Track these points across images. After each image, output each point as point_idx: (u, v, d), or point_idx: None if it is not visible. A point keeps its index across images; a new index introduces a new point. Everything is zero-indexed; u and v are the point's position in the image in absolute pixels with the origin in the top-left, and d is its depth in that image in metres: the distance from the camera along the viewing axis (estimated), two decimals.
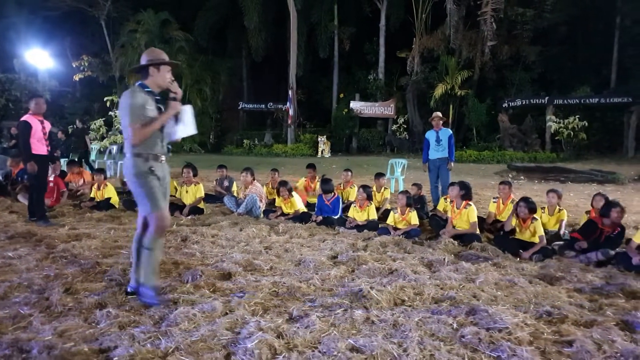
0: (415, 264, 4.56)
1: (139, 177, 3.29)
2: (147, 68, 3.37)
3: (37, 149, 6.17)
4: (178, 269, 4.33)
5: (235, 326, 3.01)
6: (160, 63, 3.38)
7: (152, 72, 3.37)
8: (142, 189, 3.31)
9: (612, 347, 2.70)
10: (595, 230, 5.17)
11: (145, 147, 3.31)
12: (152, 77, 3.38)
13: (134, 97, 3.23)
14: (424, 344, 2.73)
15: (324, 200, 6.99)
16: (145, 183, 3.30)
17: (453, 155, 8.18)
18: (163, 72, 3.40)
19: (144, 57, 3.41)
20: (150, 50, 3.47)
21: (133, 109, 3.21)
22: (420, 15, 22.90)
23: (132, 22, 23.09)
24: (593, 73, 22.17)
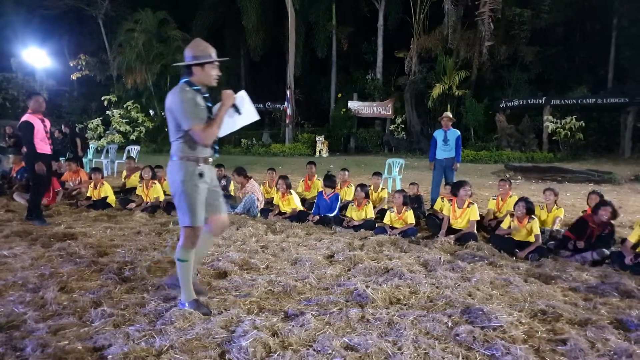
0: (411, 263, 4.57)
1: (186, 184, 3.07)
2: (190, 66, 3.13)
3: (42, 148, 6.12)
4: (174, 267, 4.30)
5: (230, 325, 3.01)
6: (205, 62, 3.12)
7: (196, 70, 3.12)
8: (186, 199, 3.07)
9: (606, 346, 2.71)
10: (586, 229, 5.19)
11: (195, 150, 3.10)
12: (196, 75, 3.13)
13: (185, 96, 3.01)
14: (418, 343, 2.74)
15: (323, 195, 7.00)
16: (192, 192, 3.08)
17: (460, 156, 8.26)
18: (208, 70, 3.14)
19: (188, 53, 3.14)
20: (195, 44, 3.17)
21: (190, 109, 2.99)
22: (418, 15, 22.92)
23: (130, 22, 23.04)
24: (590, 73, 22.21)
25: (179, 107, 2.99)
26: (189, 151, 3.08)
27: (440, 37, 22.08)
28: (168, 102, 3.06)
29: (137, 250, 4.81)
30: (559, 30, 21.83)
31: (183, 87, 3.07)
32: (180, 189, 3.08)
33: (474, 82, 22.30)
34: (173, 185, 3.13)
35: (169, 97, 3.06)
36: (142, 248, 4.94)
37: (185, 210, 3.09)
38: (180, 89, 3.05)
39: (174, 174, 3.10)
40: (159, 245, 5.17)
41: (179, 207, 3.13)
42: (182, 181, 3.06)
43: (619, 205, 9.00)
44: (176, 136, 3.09)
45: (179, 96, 3.00)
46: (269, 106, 25.35)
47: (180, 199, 3.09)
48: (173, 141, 3.12)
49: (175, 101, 3.00)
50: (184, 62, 3.14)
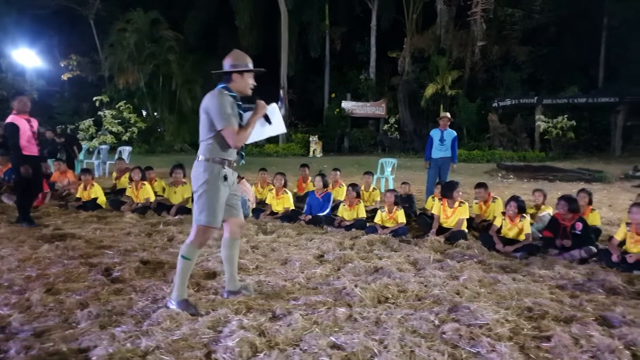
0: (401, 262, 4.58)
1: (210, 184, 3.15)
2: (230, 73, 3.25)
3: (28, 150, 5.99)
4: (163, 268, 4.32)
5: (217, 325, 3.00)
6: (245, 70, 3.26)
7: (235, 77, 3.25)
8: (207, 198, 3.15)
9: (589, 342, 2.73)
10: (558, 226, 5.23)
11: (223, 152, 3.19)
12: (234, 82, 3.26)
13: (223, 99, 3.12)
14: (404, 341, 2.74)
15: (315, 194, 7.00)
16: (214, 193, 3.16)
17: (456, 157, 8.35)
18: (246, 78, 3.29)
19: (228, 61, 3.27)
20: (235, 55, 3.31)
21: (226, 111, 3.10)
22: (411, 15, 23.00)
23: (122, 21, 22.93)
24: (581, 73, 22.38)
25: (216, 107, 3.10)
26: (216, 152, 3.18)
27: (433, 37, 22.19)
28: (204, 103, 3.17)
29: (126, 251, 4.79)
30: (550, 30, 21.99)
31: (221, 91, 3.19)
32: (203, 188, 3.15)
33: (467, 81, 22.42)
34: (196, 183, 3.20)
35: (206, 98, 3.18)
36: (132, 249, 4.92)
37: (205, 209, 3.16)
38: (218, 92, 3.17)
39: (199, 173, 3.18)
40: (149, 246, 5.14)
41: (197, 206, 3.20)
42: (206, 181, 3.14)
43: (609, 204, 9.09)
44: (207, 136, 3.18)
45: (217, 98, 3.12)
46: None
47: (202, 198, 3.17)
48: (202, 141, 3.22)
49: (213, 102, 3.12)
50: (224, 69, 3.27)
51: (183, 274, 3.26)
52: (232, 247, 3.54)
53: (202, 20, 24.91)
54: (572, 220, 5.16)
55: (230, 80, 3.25)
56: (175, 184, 7.48)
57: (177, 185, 7.45)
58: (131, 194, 7.49)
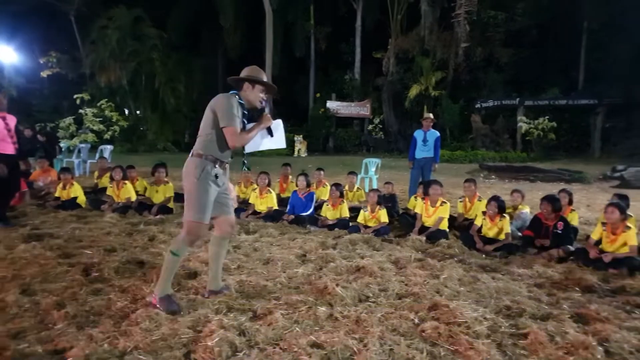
0: (382, 261, 4.60)
1: (200, 181, 3.18)
2: (243, 81, 3.36)
3: (2, 149, 5.83)
4: (143, 268, 4.27)
5: (197, 324, 2.98)
6: (257, 81, 3.36)
7: (246, 87, 3.35)
8: (198, 194, 3.18)
9: (564, 339, 2.78)
10: (541, 225, 5.32)
11: (219, 151, 3.25)
12: (245, 91, 3.35)
13: (232, 101, 3.22)
14: (384, 339, 2.76)
15: (298, 194, 7.00)
16: (205, 190, 3.19)
17: (438, 157, 8.46)
18: (257, 91, 3.37)
19: (244, 72, 3.41)
20: (251, 68, 3.43)
21: (233, 112, 3.18)
22: (395, 16, 23.14)
23: (103, 18, 22.61)
24: (562, 75, 22.78)
25: (223, 106, 3.19)
26: (212, 150, 3.23)
27: (417, 39, 22.36)
28: (213, 102, 3.25)
29: (106, 251, 4.73)
30: (532, 33, 22.34)
31: (232, 96, 3.29)
32: (193, 184, 3.18)
33: (450, 83, 22.64)
34: (187, 179, 3.23)
35: (216, 98, 3.27)
36: (111, 249, 4.85)
37: (194, 205, 3.19)
38: (230, 95, 3.28)
39: (191, 169, 3.21)
40: (129, 245, 5.08)
41: (187, 202, 3.22)
42: (196, 177, 3.17)
43: (587, 204, 9.26)
44: (204, 133, 3.24)
45: (227, 98, 3.23)
46: None
47: (192, 194, 3.20)
48: (199, 138, 3.27)
49: (222, 101, 3.21)
50: (239, 76, 3.38)
51: (170, 269, 3.27)
52: (221, 245, 3.56)
53: (185, 18, 24.72)
54: (555, 220, 5.25)
55: (242, 89, 3.35)
56: (158, 182, 7.40)
57: (159, 185, 7.38)
58: (112, 193, 7.39)
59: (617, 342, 2.77)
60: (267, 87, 3.44)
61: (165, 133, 23.13)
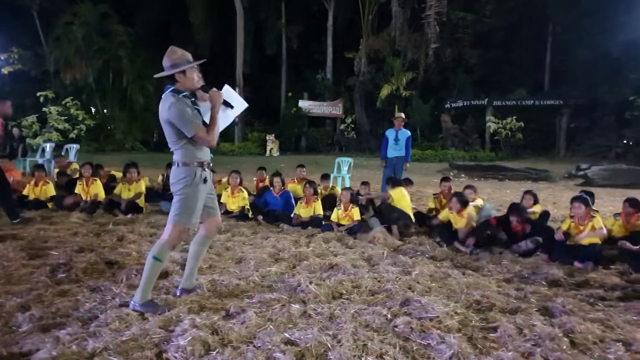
0: (355, 258, 4.64)
1: (191, 187, 3.14)
2: (172, 75, 3.13)
3: None
4: (112, 269, 4.18)
5: (169, 324, 2.94)
6: (184, 67, 3.11)
7: (179, 77, 3.12)
8: (187, 201, 3.15)
9: (532, 331, 2.86)
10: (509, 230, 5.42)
11: (200, 154, 3.20)
12: (180, 82, 3.14)
13: (179, 105, 3.02)
14: (357, 335, 2.78)
15: (273, 193, 6.97)
16: (196, 196, 3.17)
17: (409, 156, 8.61)
18: (191, 75, 3.15)
19: (167, 62, 3.13)
20: (171, 52, 3.15)
21: (188, 117, 3.03)
22: (366, 16, 23.27)
23: (68, 14, 21.90)
24: (528, 76, 23.40)
25: (178, 117, 3.02)
26: (193, 156, 3.17)
27: (388, 39, 22.56)
28: (164, 114, 3.08)
29: (73, 252, 4.60)
30: (500, 34, 22.85)
31: (173, 96, 3.07)
32: (184, 191, 3.15)
33: (421, 83, 22.93)
34: (177, 186, 3.17)
35: (163, 108, 3.08)
36: (79, 249, 4.72)
37: (184, 211, 3.16)
38: (172, 99, 3.05)
39: (180, 177, 3.16)
40: (98, 246, 4.96)
41: (176, 208, 3.17)
42: (187, 184, 3.14)
43: (554, 202, 9.56)
44: (178, 145, 3.15)
45: (175, 105, 3.02)
46: None
47: (181, 200, 3.16)
48: (176, 149, 3.18)
49: (173, 112, 3.02)
50: (165, 72, 3.15)
51: (152, 275, 3.18)
52: (204, 244, 3.55)
53: (154, 15, 24.19)
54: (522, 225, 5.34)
55: (175, 81, 3.14)
56: (129, 181, 7.24)
57: (130, 183, 7.22)
58: (80, 191, 7.19)
59: (581, 334, 2.87)
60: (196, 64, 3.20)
61: (133, 132, 22.62)
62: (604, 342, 2.81)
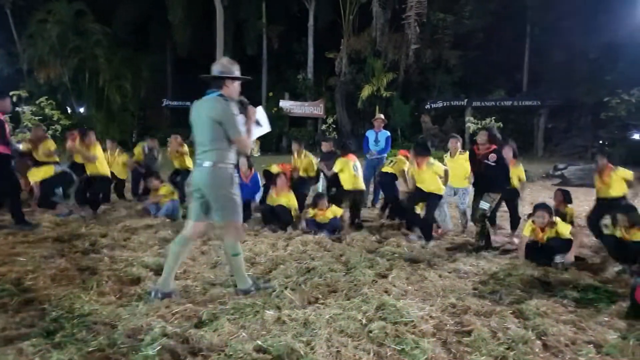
0: (332, 261, 4.59)
1: (230, 188, 3.40)
2: (223, 79, 3.41)
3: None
4: (83, 275, 4.06)
5: (138, 333, 2.86)
6: (237, 78, 3.47)
7: (229, 84, 3.42)
8: (231, 200, 3.40)
9: (506, 334, 2.87)
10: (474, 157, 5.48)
11: (232, 157, 3.44)
12: (228, 88, 3.42)
13: (232, 109, 3.31)
14: (331, 341, 2.74)
15: (243, 178, 6.85)
16: (233, 194, 3.42)
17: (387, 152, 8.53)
18: (237, 85, 3.48)
19: (220, 67, 3.44)
20: (227, 61, 3.52)
21: (238, 121, 3.32)
22: (347, 16, 23.30)
23: (42, 12, 21.36)
24: (507, 77, 23.74)
25: (228, 119, 3.28)
26: (228, 158, 3.40)
27: (369, 39, 22.62)
28: (213, 114, 3.29)
29: (42, 258, 4.45)
30: (479, 35, 23.11)
31: (226, 101, 3.34)
32: (226, 192, 3.38)
33: (401, 84, 23.07)
34: (220, 189, 3.37)
35: (212, 108, 3.31)
36: (48, 255, 4.57)
37: (234, 210, 3.42)
38: (225, 103, 3.32)
39: (218, 179, 3.36)
40: (69, 252, 4.81)
41: (224, 208, 3.40)
42: (227, 185, 3.38)
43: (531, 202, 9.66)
44: (215, 145, 3.33)
45: (229, 109, 3.29)
46: None
47: (226, 200, 3.39)
48: (210, 149, 3.34)
49: (225, 114, 3.28)
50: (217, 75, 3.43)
51: (239, 267, 3.56)
52: (187, 245, 3.60)
53: (132, 14, 23.80)
54: (488, 151, 5.27)
55: (223, 86, 3.40)
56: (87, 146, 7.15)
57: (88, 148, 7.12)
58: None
59: (554, 336, 2.88)
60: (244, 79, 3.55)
61: (111, 132, 22.13)
62: (576, 344, 2.83)
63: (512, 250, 5.42)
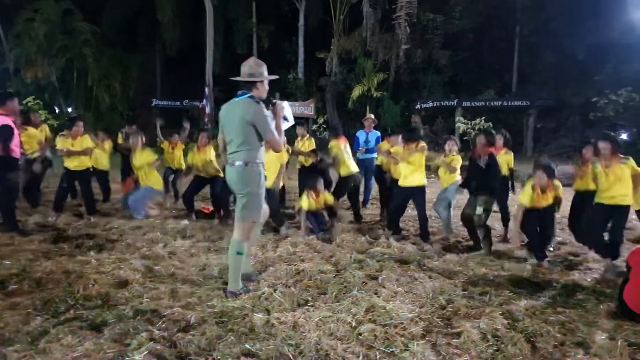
0: (322, 263, 4.57)
1: (260, 186, 3.58)
2: (254, 82, 3.54)
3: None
4: (69, 278, 3.99)
5: (125, 337, 2.83)
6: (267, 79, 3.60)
7: (259, 85, 3.56)
8: (258, 199, 3.59)
9: (495, 336, 2.87)
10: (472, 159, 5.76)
11: (261, 156, 3.60)
12: (258, 90, 3.56)
13: (265, 111, 3.48)
14: (320, 344, 2.73)
15: None
16: (261, 193, 3.61)
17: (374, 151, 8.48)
18: (266, 85, 3.63)
19: (247, 70, 3.55)
20: (255, 62, 3.61)
21: (270, 122, 3.50)
22: (338, 16, 23.28)
23: (29, 10, 21.10)
24: (497, 77, 23.84)
25: (262, 121, 3.45)
26: (258, 157, 3.57)
27: (359, 39, 22.60)
28: (247, 116, 3.44)
29: (27, 261, 4.39)
30: (469, 36, 23.19)
31: (258, 103, 3.49)
32: (255, 190, 3.55)
33: (392, 84, 23.08)
34: (248, 186, 3.53)
35: (246, 111, 3.45)
36: (34, 258, 4.51)
37: (254, 208, 3.58)
38: (258, 105, 3.47)
39: (250, 177, 3.53)
40: (55, 254, 4.75)
41: (249, 206, 3.56)
42: (258, 184, 3.55)
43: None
44: (248, 146, 3.49)
45: (262, 112, 3.45)
46: (187, 104, 24.50)
47: (255, 198, 3.56)
48: (242, 150, 3.50)
49: (259, 116, 3.44)
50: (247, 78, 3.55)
51: (237, 267, 3.62)
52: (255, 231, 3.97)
53: (120, 13, 23.54)
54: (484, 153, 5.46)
55: (253, 88, 3.54)
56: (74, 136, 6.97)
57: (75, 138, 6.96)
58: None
59: (542, 337, 2.89)
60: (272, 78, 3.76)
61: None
62: (565, 345, 2.84)
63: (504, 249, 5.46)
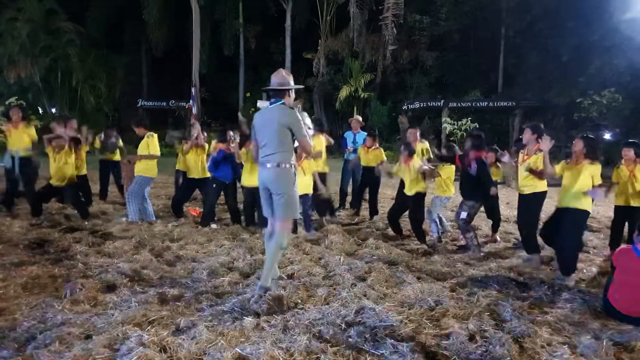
0: (311, 265, 4.58)
1: (293, 185, 3.77)
2: (287, 91, 3.82)
3: None
4: (55, 282, 3.96)
5: (114, 342, 2.81)
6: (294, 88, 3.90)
7: (289, 94, 3.85)
8: (293, 197, 3.77)
9: (483, 337, 2.90)
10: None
11: (293, 157, 3.83)
12: (289, 98, 3.84)
13: (298, 115, 3.80)
14: (311, 347, 2.74)
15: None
16: (296, 192, 3.82)
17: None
18: (293, 93, 3.91)
19: (281, 79, 3.83)
20: (286, 73, 3.91)
21: (303, 126, 3.79)
22: (325, 17, 23.31)
23: (12, 9, 20.76)
24: (483, 78, 24.05)
25: (298, 125, 3.74)
26: (292, 159, 3.80)
27: (346, 40, 22.66)
28: (284, 121, 3.71)
29: (12, 265, 4.33)
30: (455, 37, 23.34)
31: (292, 109, 3.81)
32: (292, 189, 3.76)
33: (379, 85, 23.17)
34: (285, 186, 3.73)
35: (283, 115, 3.72)
36: (19, 262, 4.45)
37: (291, 206, 3.76)
38: (292, 110, 3.78)
39: (287, 178, 3.75)
40: (41, 258, 4.69)
41: (286, 205, 3.72)
42: (291, 183, 3.76)
43: (507, 202, 9.84)
44: (283, 148, 3.74)
45: (296, 115, 3.77)
46: (173, 104, 24.32)
47: (291, 197, 3.75)
48: (277, 152, 3.73)
49: (295, 119, 3.73)
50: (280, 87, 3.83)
51: (275, 261, 3.84)
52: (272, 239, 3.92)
53: (106, 12, 23.31)
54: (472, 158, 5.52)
55: (286, 96, 3.81)
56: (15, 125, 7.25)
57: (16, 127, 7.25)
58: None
59: (530, 337, 2.93)
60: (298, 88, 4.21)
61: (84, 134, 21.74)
62: (551, 345, 2.89)
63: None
